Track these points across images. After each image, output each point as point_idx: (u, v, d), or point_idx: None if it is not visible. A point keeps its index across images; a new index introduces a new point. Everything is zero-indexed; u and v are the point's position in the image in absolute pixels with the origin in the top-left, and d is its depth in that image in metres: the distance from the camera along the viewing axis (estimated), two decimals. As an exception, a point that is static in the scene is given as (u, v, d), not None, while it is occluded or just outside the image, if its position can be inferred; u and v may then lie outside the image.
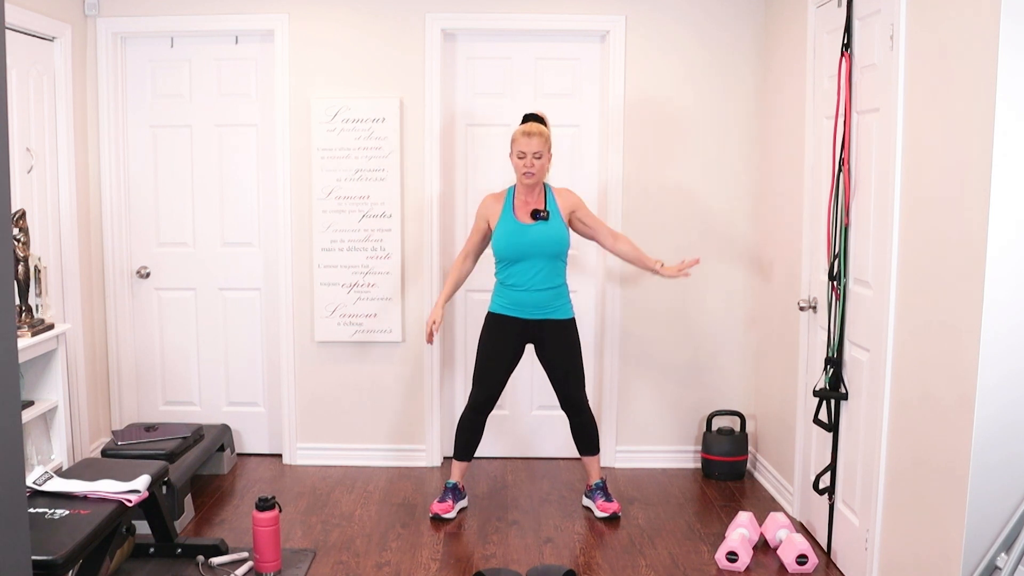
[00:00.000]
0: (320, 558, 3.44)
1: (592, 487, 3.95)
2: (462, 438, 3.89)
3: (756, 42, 4.34)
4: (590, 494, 3.96)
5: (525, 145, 3.66)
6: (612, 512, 3.85)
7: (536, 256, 3.71)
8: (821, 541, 3.55)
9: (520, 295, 3.74)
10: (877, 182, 3.03)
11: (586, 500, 4.00)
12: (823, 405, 3.43)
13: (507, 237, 3.72)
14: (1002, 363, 2.37)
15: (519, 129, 3.71)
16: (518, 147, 3.68)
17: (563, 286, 3.80)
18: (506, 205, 3.77)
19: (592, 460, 3.94)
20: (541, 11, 4.30)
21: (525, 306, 3.74)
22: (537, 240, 3.70)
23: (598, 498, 3.90)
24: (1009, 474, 2.40)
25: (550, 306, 3.75)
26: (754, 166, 4.40)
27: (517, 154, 3.68)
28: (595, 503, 3.91)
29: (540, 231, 3.71)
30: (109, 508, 2.85)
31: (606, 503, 3.88)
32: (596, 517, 3.88)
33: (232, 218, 4.54)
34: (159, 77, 4.46)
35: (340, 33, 4.34)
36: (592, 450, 3.92)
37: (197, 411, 4.64)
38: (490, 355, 3.81)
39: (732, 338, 4.50)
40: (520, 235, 3.71)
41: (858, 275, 3.20)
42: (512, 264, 3.73)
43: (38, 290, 3.64)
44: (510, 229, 3.72)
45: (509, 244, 3.71)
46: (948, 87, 2.57)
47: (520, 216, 3.74)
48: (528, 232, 3.71)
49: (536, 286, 3.72)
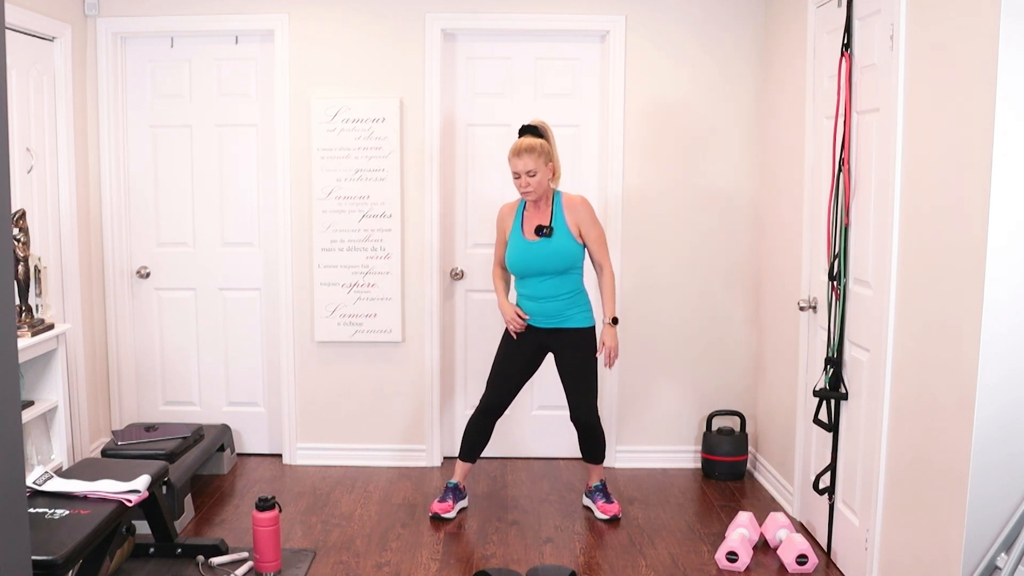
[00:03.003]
0: (320, 558, 3.44)
1: (592, 488, 3.95)
2: (469, 440, 3.88)
3: (756, 42, 4.34)
4: (590, 495, 3.96)
5: (516, 165, 3.61)
6: (613, 515, 3.85)
7: (541, 272, 3.68)
8: (821, 541, 3.55)
9: (532, 305, 3.72)
10: (877, 182, 3.03)
11: (586, 500, 4.00)
12: (823, 405, 3.43)
13: (514, 255, 3.72)
14: (1002, 363, 2.37)
15: (511, 148, 3.65)
16: (511, 167, 3.64)
17: (577, 294, 3.73)
18: (516, 219, 3.76)
19: (593, 468, 3.95)
20: (541, 11, 4.30)
21: (538, 315, 3.72)
22: (540, 257, 3.66)
23: (598, 500, 3.90)
24: (1009, 474, 2.40)
25: (562, 315, 3.70)
26: (754, 166, 4.40)
27: (513, 174, 3.65)
28: (595, 504, 3.91)
29: (543, 248, 3.66)
30: (109, 508, 2.85)
31: (607, 505, 3.87)
32: (596, 518, 3.88)
33: (232, 218, 4.54)
34: (159, 77, 4.46)
35: (340, 33, 4.34)
36: (597, 460, 3.91)
37: (197, 411, 4.64)
38: (504, 361, 3.81)
39: (732, 338, 4.50)
40: (525, 252, 3.69)
41: (858, 275, 3.20)
42: (522, 278, 3.74)
43: (38, 290, 3.64)
44: (517, 247, 3.72)
45: (516, 261, 3.72)
46: (948, 87, 2.57)
47: (527, 232, 3.71)
48: (532, 249, 3.68)
49: (547, 296, 3.69)
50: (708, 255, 4.44)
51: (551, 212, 3.70)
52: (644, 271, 4.44)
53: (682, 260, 4.44)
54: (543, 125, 3.74)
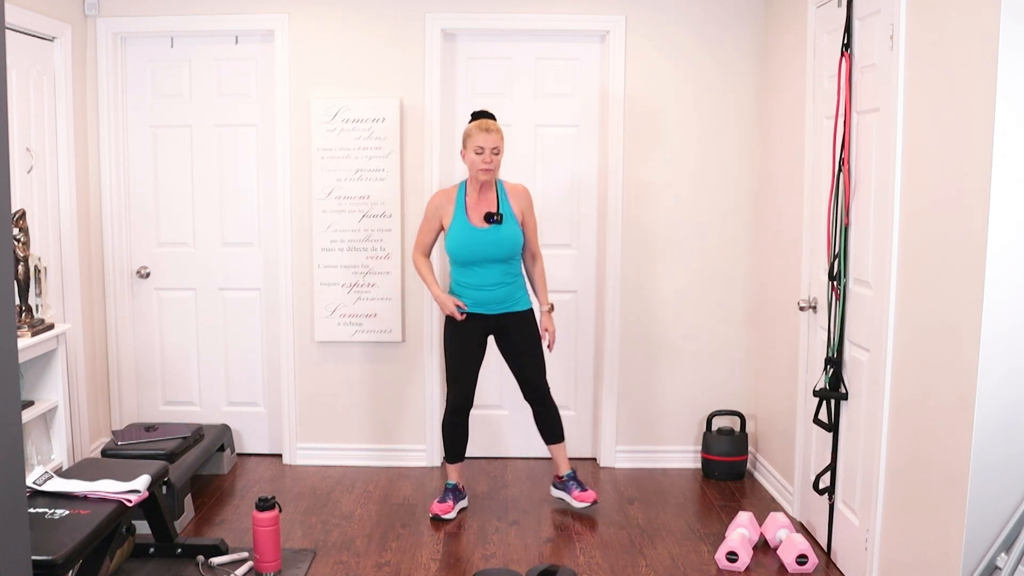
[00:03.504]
0: (320, 558, 3.44)
1: (564, 478, 3.95)
2: (450, 442, 3.90)
3: (756, 42, 4.34)
4: (562, 485, 3.96)
5: (484, 140, 3.63)
6: (592, 501, 3.85)
7: (491, 259, 3.71)
8: (821, 541, 3.55)
9: (481, 293, 3.74)
10: (877, 182, 3.03)
11: (557, 492, 3.99)
12: (823, 405, 3.43)
13: (461, 241, 3.71)
14: (1002, 363, 2.37)
15: (475, 124, 3.68)
16: (475, 142, 3.64)
17: (520, 277, 3.84)
18: (458, 205, 3.74)
19: (559, 448, 3.94)
20: (541, 11, 4.30)
21: (488, 303, 3.76)
22: (491, 244, 3.70)
23: (573, 489, 3.91)
24: (1009, 474, 2.40)
25: (510, 299, 3.79)
26: (754, 166, 4.40)
27: (475, 149, 3.65)
28: (571, 494, 3.90)
29: (494, 235, 3.70)
30: (109, 508, 2.85)
31: (582, 493, 3.88)
32: (574, 509, 3.89)
33: (232, 218, 4.54)
34: (159, 77, 4.46)
35: (340, 33, 4.34)
36: (558, 437, 3.94)
37: (197, 411, 4.64)
38: (462, 355, 3.81)
39: (732, 338, 4.50)
40: (474, 239, 3.70)
41: (858, 275, 3.20)
42: (467, 266, 3.74)
43: (38, 290, 3.64)
44: (464, 233, 3.71)
45: (463, 248, 3.71)
46: (948, 87, 2.57)
47: (473, 218, 3.72)
48: (482, 236, 3.70)
49: (497, 283, 3.74)
50: (708, 255, 4.44)
51: (497, 199, 3.73)
52: (644, 271, 4.43)
53: (682, 260, 4.44)
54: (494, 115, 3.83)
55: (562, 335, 4.53)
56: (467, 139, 3.69)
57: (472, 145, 3.66)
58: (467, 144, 3.69)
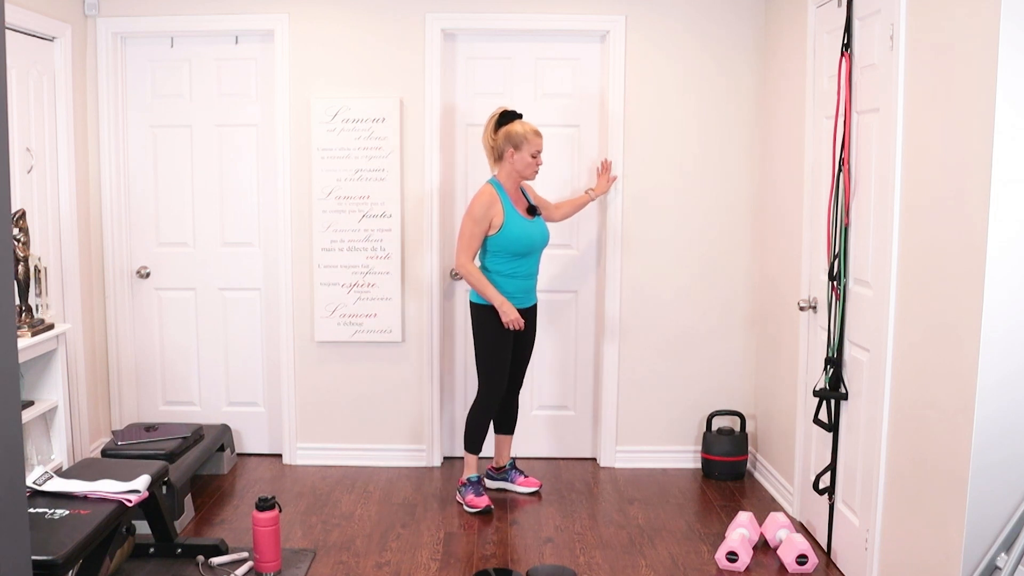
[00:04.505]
0: (320, 558, 3.45)
1: (506, 467, 4.16)
2: (482, 432, 4.01)
3: (756, 42, 4.34)
4: (506, 475, 4.15)
5: (540, 144, 3.83)
6: (537, 487, 4.10)
7: (540, 248, 3.94)
8: (821, 541, 3.55)
9: (529, 282, 3.94)
10: (877, 182, 3.03)
11: (497, 483, 4.17)
12: (823, 405, 3.43)
13: (524, 232, 3.85)
14: (1002, 364, 2.37)
15: (531, 128, 3.81)
16: (534, 147, 3.81)
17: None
18: (505, 203, 3.84)
19: (509, 440, 4.19)
20: (541, 11, 4.30)
21: (529, 292, 3.94)
22: (540, 234, 3.93)
23: (517, 476, 4.13)
24: (1009, 474, 2.40)
25: (534, 292, 4.02)
26: (754, 166, 4.40)
27: (531, 153, 3.80)
28: (515, 481, 4.12)
29: (540, 225, 3.95)
30: (109, 508, 2.85)
31: (527, 479, 4.13)
32: (521, 494, 4.08)
33: (232, 218, 4.54)
34: (159, 77, 4.46)
35: (340, 33, 4.34)
36: (513, 428, 4.19)
37: (197, 411, 4.64)
38: (504, 349, 3.91)
39: (732, 338, 4.50)
40: (530, 230, 3.87)
41: (858, 275, 3.20)
42: (522, 257, 3.87)
43: (38, 290, 3.64)
44: (523, 227, 3.85)
45: (526, 239, 3.85)
46: (948, 87, 2.57)
47: (522, 213, 3.89)
48: (533, 227, 3.90)
49: (536, 272, 3.97)
50: (708, 255, 4.44)
51: (523, 195, 3.95)
52: (644, 270, 4.43)
53: (682, 259, 4.44)
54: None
55: (562, 335, 4.53)
56: (523, 143, 3.79)
57: (530, 149, 3.81)
58: (523, 147, 3.80)
